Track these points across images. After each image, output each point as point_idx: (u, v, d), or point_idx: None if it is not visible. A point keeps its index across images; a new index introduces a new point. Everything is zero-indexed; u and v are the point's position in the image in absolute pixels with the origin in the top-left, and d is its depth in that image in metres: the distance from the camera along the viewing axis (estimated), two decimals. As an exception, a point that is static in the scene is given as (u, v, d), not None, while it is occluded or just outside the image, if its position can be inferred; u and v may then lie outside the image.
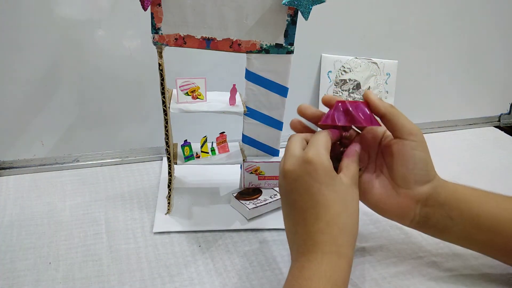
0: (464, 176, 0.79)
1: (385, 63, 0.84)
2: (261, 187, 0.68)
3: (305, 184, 0.44)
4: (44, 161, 0.74)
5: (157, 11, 0.53)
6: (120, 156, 0.78)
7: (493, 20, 0.90)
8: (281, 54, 0.58)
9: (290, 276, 0.44)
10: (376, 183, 0.51)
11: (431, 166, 0.49)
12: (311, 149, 0.45)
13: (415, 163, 0.48)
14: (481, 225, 0.48)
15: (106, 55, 0.70)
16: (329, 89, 0.83)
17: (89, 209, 0.65)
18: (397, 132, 0.49)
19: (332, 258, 0.42)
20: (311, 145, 0.46)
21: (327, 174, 0.44)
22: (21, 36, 0.65)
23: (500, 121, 1.02)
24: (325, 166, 0.44)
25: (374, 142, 0.52)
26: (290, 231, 0.47)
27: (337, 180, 0.45)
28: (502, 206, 0.49)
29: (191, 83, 0.61)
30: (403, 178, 0.49)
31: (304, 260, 0.43)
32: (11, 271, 0.53)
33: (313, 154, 0.45)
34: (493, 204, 0.49)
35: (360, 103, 0.48)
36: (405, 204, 0.49)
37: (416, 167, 0.48)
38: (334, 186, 0.44)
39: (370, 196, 0.51)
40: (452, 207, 0.49)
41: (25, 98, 0.70)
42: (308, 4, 0.53)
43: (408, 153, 0.48)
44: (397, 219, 0.51)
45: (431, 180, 0.49)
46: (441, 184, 0.50)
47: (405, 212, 0.50)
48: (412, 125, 0.49)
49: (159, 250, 0.57)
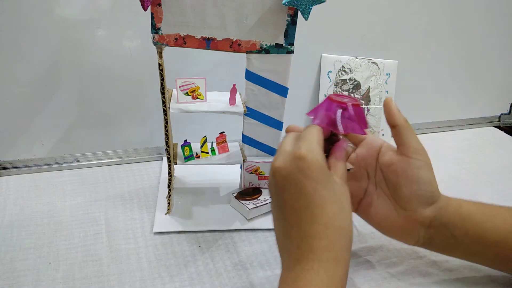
0: (464, 176, 0.79)
1: (385, 63, 0.84)
2: (261, 187, 0.68)
3: (297, 182, 0.40)
4: (44, 161, 0.74)
5: (157, 11, 0.53)
6: (120, 156, 0.78)
7: (493, 20, 0.90)
8: (281, 54, 0.58)
9: (282, 286, 0.40)
10: (378, 204, 0.50)
11: (435, 187, 0.47)
12: (304, 144, 0.41)
13: (420, 184, 0.46)
14: (487, 241, 0.47)
15: (106, 55, 0.70)
16: (329, 89, 0.83)
17: (89, 209, 0.65)
18: (404, 147, 0.47)
19: (330, 266, 0.39)
20: (303, 140, 0.42)
21: (322, 171, 0.41)
22: (21, 36, 0.66)
23: (500, 121, 1.02)
24: (319, 163, 0.41)
25: (372, 158, 0.50)
26: (281, 235, 0.43)
27: (331, 178, 0.42)
28: (508, 221, 0.48)
29: (191, 83, 0.61)
30: (406, 200, 0.47)
31: (299, 269, 0.39)
32: (11, 271, 0.53)
33: (305, 150, 0.41)
34: (498, 219, 0.48)
35: (356, 107, 0.45)
36: (409, 227, 0.48)
37: (420, 188, 0.46)
38: (329, 185, 0.41)
39: (371, 216, 0.50)
40: (457, 226, 0.47)
41: (25, 98, 0.70)
42: (308, 4, 0.53)
43: (413, 173, 0.46)
44: (400, 240, 0.50)
45: (435, 201, 0.47)
46: (444, 204, 0.48)
47: (409, 234, 0.48)
48: (419, 143, 0.47)
49: (159, 250, 0.57)
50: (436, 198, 0.47)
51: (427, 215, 0.47)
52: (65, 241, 0.58)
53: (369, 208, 0.50)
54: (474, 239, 0.47)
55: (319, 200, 0.40)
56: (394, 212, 0.48)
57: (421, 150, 0.47)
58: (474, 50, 0.92)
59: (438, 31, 0.88)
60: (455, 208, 0.48)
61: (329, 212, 0.40)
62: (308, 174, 0.40)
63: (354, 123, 0.45)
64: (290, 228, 0.41)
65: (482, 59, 0.94)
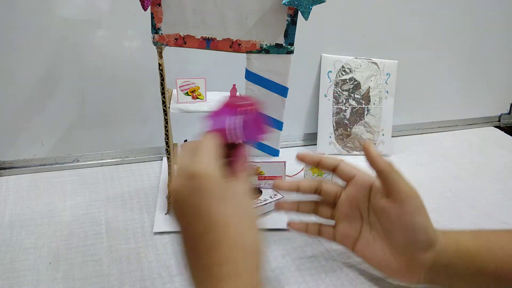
0: (464, 176, 0.79)
1: (385, 63, 0.84)
2: (261, 187, 0.68)
3: (195, 205, 0.36)
4: (44, 161, 0.74)
5: (157, 11, 0.53)
6: (120, 156, 0.78)
7: (492, 21, 0.90)
8: (281, 54, 0.58)
9: None
10: (374, 246, 0.48)
11: (431, 231, 0.46)
12: (197, 161, 0.37)
13: (415, 231, 0.45)
14: (487, 272, 0.46)
15: (106, 55, 0.70)
16: (329, 89, 0.83)
17: (89, 209, 0.65)
18: (394, 193, 0.45)
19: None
20: (196, 155, 0.38)
21: (220, 187, 0.37)
22: (21, 37, 0.65)
23: (500, 121, 1.02)
24: (215, 179, 0.37)
25: (363, 197, 0.49)
26: (188, 267, 0.37)
27: (231, 190, 0.38)
28: (505, 249, 0.46)
29: (191, 83, 0.61)
30: (403, 247, 0.46)
31: None
32: (11, 271, 0.53)
33: (198, 167, 0.37)
34: (496, 248, 0.46)
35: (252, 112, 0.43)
36: (409, 270, 0.47)
37: (416, 235, 0.45)
38: (230, 200, 0.37)
39: (369, 258, 0.49)
40: (457, 264, 0.46)
41: (25, 98, 0.70)
42: (308, 4, 0.53)
43: (408, 221, 0.45)
44: (402, 281, 0.49)
45: (433, 245, 0.46)
46: (443, 245, 0.46)
47: (409, 277, 0.47)
48: (409, 187, 0.45)
49: (159, 250, 0.57)
50: (433, 242, 0.46)
51: (425, 260, 0.46)
52: (65, 241, 0.58)
53: (366, 249, 0.49)
54: (474, 272, 0.46)
55: (221, 220, 0.36)
56: (392, 256, 0.47)
57: (413, 193, 0.45)
58: (474, 50, 0.92)
59: (438, 31, 0.87)
60: (453, 247, 0.46)
61: (234, 231, 0.36)
62: (205, 194, 0.36)
63: (248, 129, 0.43)
64: (195, 257, 0.37)
65: (482, 59, 0.94)
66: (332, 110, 0.83)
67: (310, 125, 0.87)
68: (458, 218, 0.67)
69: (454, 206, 0.70)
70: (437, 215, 0.67)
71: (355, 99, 0.83)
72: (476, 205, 0.70)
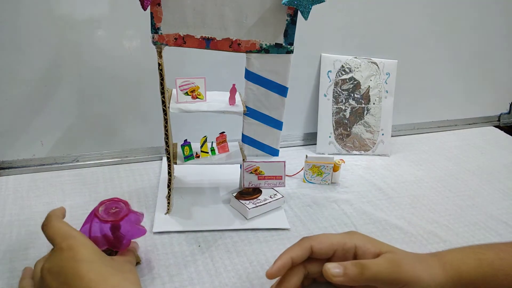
0: (464, 176, 0.79)
1: (385, 63, 0.84)
2: (261, 186, 0.68)
3: (72, 270, 0.40)
4: (43, 161, 0.74)
5: (157, 10, 0.53)
6: (120, 156, 0.78)
7: (492, 20, 0.90)
8: (280, 54, 0.58)
9: None
10: None
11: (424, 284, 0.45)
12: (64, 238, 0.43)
13: None
14: None
15: (106, 55, 0.70)
16: (328, 88, 0.83)
17: (89, 209, 0.64)
18: None
19: None
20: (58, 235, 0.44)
21: (94, 250, 0.43)
22: (21, 36, 0.65)
23: (500, 121, 1.02)
24: (88, 243, 0.44)
25: None
26: None
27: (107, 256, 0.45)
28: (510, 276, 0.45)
29: (191, 83, 0.61)
30: None
31: None
32: (11, 271, 0.53)
33: (68, 242, 0.43)
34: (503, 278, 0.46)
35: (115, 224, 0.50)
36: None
37: None
38: (107, 259, 0.44)
39: None
40: None
41: (25, 98, 0.70)
42: (308, 4, 0.53)
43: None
44: None
45: None
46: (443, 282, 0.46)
47: None
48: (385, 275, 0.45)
49: (159, 250, 0.57)
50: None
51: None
52: (65, 241, 0.58)
53: None
54: None
55: (98, 276, 0.40)
56: None
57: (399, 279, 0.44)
58: (474, 50, 0.92)
59: (437, 31, 0.88)
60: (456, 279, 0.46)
61: (112, 282, 0.40)
62: (81, 258, 0.41)
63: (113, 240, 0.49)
64: None
65: (481, 58, 0.94)
66: (332, 109, 0.83)
67: (309, 125, 0.87)
68: (458, 217, 0.67)
69: (453, 205, 0.70)
70: (437, 215, 0.67)
71: (355, 98, 0.83)
72: (476, 205, 0.70)
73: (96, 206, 0.51)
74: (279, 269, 0.46)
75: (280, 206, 0.66)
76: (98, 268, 0.41)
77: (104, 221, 0.50)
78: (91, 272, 0.40)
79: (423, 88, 0.92)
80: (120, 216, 0.50)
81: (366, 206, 0.69)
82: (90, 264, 0.41)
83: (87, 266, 0.40)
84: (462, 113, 0.98)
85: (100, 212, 0.50)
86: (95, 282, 0.39)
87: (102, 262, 0.42)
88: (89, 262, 0.41)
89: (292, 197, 0.70)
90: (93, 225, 0.50)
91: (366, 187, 0.74)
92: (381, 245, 0.48)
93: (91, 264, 0.41)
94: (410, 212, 0.68)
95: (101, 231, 0.49)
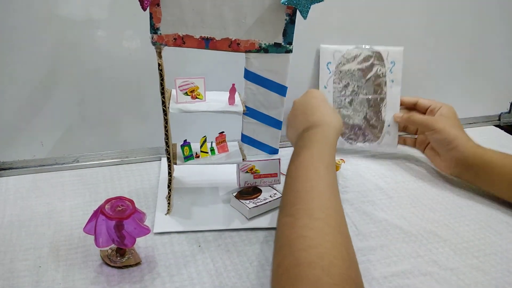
0: (464, 175, 0.79)
1: (389, 51, 0.80)
2: (257, 185, 0.67)
3: (307, 101, 0.69)
4: (44, 161, 0.74)
5: (156, 11, 0.53)
6: (120, 156, 0.78)
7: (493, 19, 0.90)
8: (280, 53, 0.58)
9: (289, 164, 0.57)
10: (428, 152, 0.79)
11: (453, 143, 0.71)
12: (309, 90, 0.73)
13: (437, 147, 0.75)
14: (503, 177, 0.67)
15: (106, 55, 0.70)
16: (329, 80, 0.80)
17: (89, 209, 0.65)
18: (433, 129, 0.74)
19: (319, 145, 0.57)
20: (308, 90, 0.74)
21: (322, 96, 0.71)
22: (20, 36, 0.66)
23: (500, 120, 1.02)
24: (321, 93, 0.73)
25: None
26: (294, 130, 0.67)
27: (327, 102, 0.70)
28: None
29: (190, 83, 0.61)
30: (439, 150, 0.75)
31: (299, 148, 0.58)
32: (11, 271, 0.53)
33: (313, 89, 0.74)
34: None
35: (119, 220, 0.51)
36: (445, 165, 0.75)
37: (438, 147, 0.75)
38: (327, 103, 0.69)
39: (429, 158, 0.79)
40: (479, 168, 0.69)
41: (25, 98, 0.70)
42: (307, 3, 0.53)
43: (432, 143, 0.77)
44: (443, 172, 0.77)
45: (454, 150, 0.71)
46: (468, 151, 0.70)
47: (446, 169, 0.75)
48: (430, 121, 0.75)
49: (159, 250, 0.57)
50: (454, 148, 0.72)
51: (451, 158, 0.72)
52: (65, 242, 0.58)
53: (427, 152, 0.79)
54: (492, 176, 0.68)
55: (319, 107, 0.67)
56: (437, 155, 0.76)
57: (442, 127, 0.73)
58: (474, 49, 0.92)
59: (438, 31, 0.87)
60: (479, 155, 0.69)
61: (323, 113, 0.65)
62: (314, 97, 0.70)
63: (119, 238, 0.51)
64: (301, 123, 0.65)
65: (482, 58, 0.94)
66: (333, 101, 0.81)
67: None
68: (459, 217, 0.67)
69: (454, 205, 0.70)
70: (437, 214, 0.67)
71: (358, 89, 0.81)
72: (476, 205, 0.70)
73: (102, 204, 0.52)
74: None
75: (280, 206, 0.66)
76: (325, 106, 0.68)
77: (110, 218, 0.50)
78: (316, 104, 0.67)
79: (424, 88, 0.92)
80: (126, 214, 0.51)
81: (367, 205, 0.69)
82: (322, 102, 0.68)
83: (317, 102, 0.68)
84: (462, 113, 0.97)
85: (106, 210, 0.51)
86: (315, 109, 0.66)
87: (325, 102, 0.69)
88: (322, 101, 0.69)
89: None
90: (98, 221, 0.50)
91: (366, 187, 0.74)
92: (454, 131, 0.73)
93: (322, 102, 0.68)
94: (411, 212, 0.68)
95: (107, 228, 0.50)
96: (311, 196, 0.49)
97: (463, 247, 0.60)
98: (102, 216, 0.50)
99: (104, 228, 0.50)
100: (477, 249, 0.60)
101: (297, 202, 0.49)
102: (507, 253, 0.59)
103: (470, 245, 0.61)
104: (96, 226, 0.50)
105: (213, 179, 0.72)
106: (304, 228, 0.44)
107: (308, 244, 0.42)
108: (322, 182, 0.51)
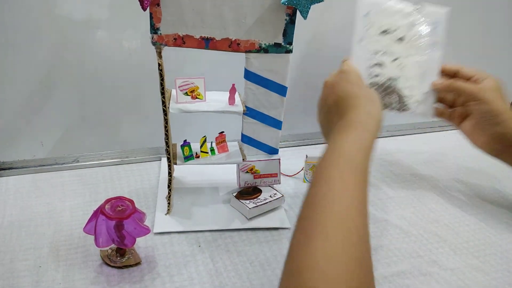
0: (465, 175, 0.79)
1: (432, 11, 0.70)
2: (257, 185, 0.67)
3: (341, 86, 0.57)
4: (44, 161, 0.74)
5: (156, 11, 0.53)
6: (120, 156, 0.78)
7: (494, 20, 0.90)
8: (280, 54, 0.58)
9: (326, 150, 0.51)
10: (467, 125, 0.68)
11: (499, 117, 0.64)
12: (344, 64, 0.63)
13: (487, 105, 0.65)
14: None
15: (106, 55, 0.70)
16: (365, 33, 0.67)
17: (89, 209, 0.64)
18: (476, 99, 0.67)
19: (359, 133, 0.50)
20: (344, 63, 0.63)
21: (358, 78, 0.61)
22: (21, 37, 0.66)
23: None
24: (356, 72, 0.61)
25: None
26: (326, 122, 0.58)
27: (364, 84, 0.63)
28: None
29: (190, 83, 0.61)
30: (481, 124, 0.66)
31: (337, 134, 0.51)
32: (11, 271, 0.53)
33: (346, 65, 0.62)
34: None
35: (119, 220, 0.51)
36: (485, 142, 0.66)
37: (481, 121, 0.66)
38: (363, 86, 0.61)
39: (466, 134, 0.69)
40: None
41: (25, 98, 0.70)
42: (307, 3, 0.53)
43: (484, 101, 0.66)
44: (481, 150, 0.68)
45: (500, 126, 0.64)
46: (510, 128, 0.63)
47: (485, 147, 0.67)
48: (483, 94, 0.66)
49: (159, 250, 0.57)
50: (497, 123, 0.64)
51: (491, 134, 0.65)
52: (65, 242, 0.58)
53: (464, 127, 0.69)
54: None
55: (355, 94, 0.55)
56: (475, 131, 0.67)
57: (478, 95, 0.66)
58: (474, 49, 0.92)
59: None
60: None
61: (361, 101, 0.54)
62: (348, 80, 0.59)
63: (119, 238, 0.51)
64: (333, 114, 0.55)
65: (482, 58, 0.94)
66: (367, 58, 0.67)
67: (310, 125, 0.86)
68: (459, 217, 0.67)
69: (455, 205, 0.70)
70: (438, 214, 0.67)
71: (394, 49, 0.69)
72: (477, 204, 0.70)
73: (102, 204, 0.52)
74: None
75: (281, 206, 0.66)
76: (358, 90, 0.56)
77: (110, 218, 0.50)
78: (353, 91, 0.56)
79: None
80: (126, 214, 0.51)
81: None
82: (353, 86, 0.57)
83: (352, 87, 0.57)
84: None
85: (106, 210, 0.51)
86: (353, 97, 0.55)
87: (361, 88, 0.58)
88: (354, 84, 0.58)
89: (292, 196, 0.70)
90: (98, 221, 0.50)
91: (366, 187, 0.74)
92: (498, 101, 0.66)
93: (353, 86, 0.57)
94: (411, 212, 0.68)
95: (107, 228, 0.50)
96: (330, 209, 0.42)
97: (463, 247, 0.60)
98: (102, 216, 0.50)
99: (104, 228, 0.50)
100: (477, 249, 0.60)
101: (311, 215, 0.42)
102: (507, 253, 0.59)
103: (470, 245, 0.61)
104: (96, 226, 0.50)
105: (213, 179, 0.72)
106: (317, 252, 0.38)
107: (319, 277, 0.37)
108: (347, 192, 0.44)
